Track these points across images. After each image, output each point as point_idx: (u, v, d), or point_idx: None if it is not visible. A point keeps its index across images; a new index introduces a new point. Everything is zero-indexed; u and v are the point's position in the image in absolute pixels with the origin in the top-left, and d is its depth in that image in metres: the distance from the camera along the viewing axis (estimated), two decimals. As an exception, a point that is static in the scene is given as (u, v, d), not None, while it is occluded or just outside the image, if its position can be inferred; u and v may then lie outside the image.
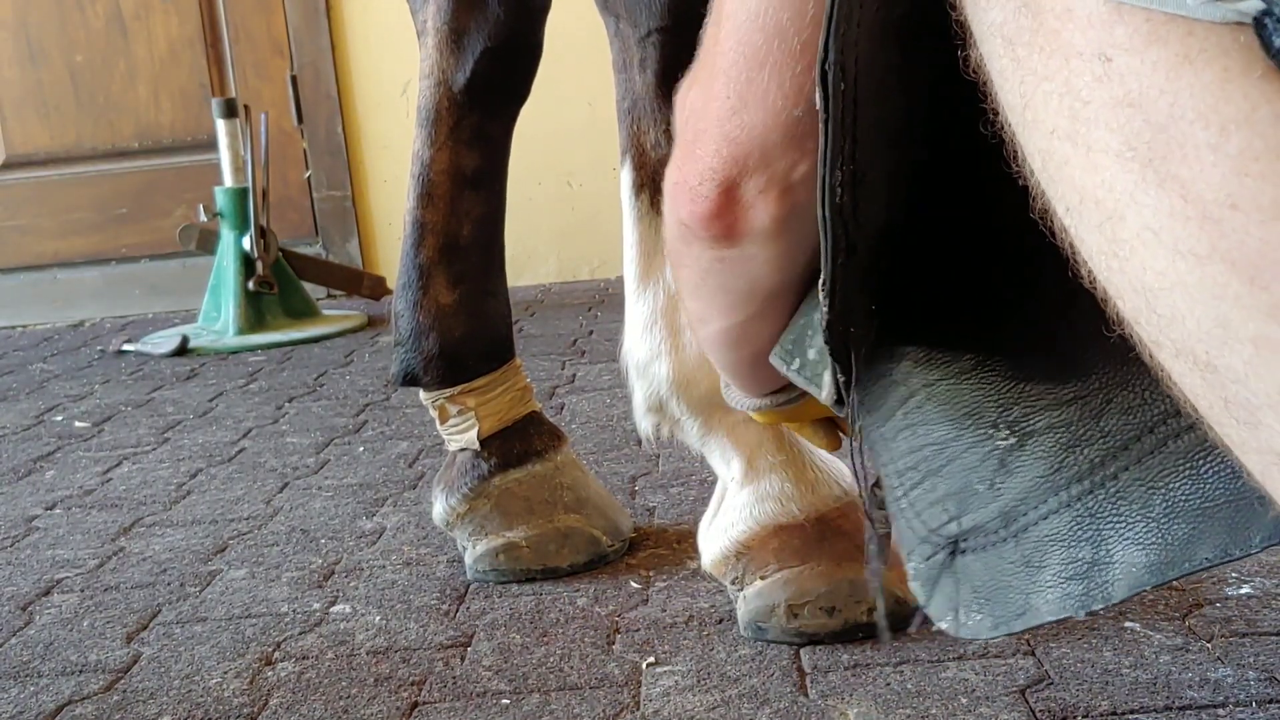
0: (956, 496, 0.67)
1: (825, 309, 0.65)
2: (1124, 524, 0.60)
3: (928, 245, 0.68)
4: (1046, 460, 0.64)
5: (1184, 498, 0.59)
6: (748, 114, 0.66)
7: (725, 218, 0.69)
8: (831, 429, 1.04)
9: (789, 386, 0.91)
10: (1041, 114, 0.47)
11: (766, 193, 0.68)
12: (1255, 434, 0.45)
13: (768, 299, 0.75)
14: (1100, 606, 0.61)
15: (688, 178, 0.70)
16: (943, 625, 0.67)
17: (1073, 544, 0.62)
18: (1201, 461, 0.58)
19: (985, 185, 0.54)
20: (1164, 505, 0.59)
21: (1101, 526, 0.61)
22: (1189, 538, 0.58)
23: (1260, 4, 0.41)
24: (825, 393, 0.72)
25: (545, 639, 1.16)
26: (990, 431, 0.66)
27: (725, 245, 0.71)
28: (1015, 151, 0.51)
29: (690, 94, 0.71)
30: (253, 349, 2.88)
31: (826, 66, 0.57)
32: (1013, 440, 0.65)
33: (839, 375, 0.69)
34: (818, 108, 0.59)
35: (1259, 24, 0.41)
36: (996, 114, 0.52)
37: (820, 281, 0.64)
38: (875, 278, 0.66)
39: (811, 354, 0.74)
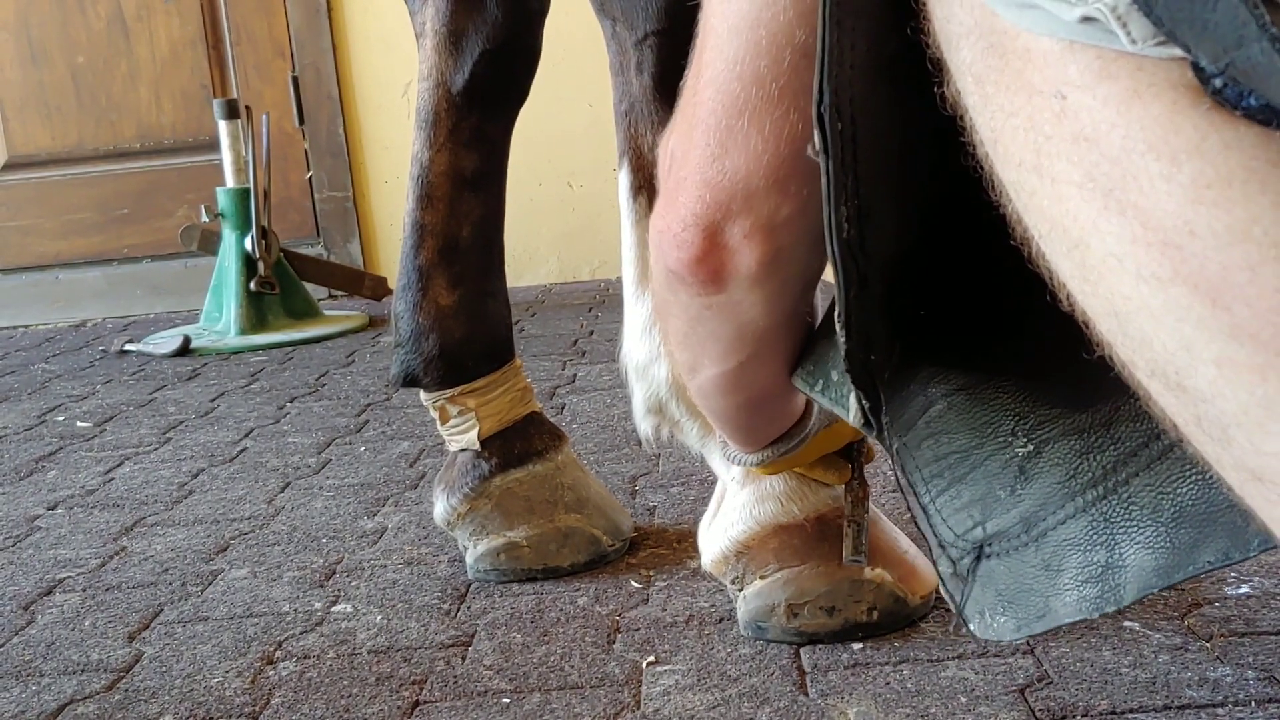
0: (980, 503, 0.69)
1: (843, 340, 0.65)
2: (1135, 528, 0.62)
3: (940, 268, 0.69)
4: (1062, 467, 0.65)
5: (1191, 503, 0.60)
6: (729, 160, 0.67)
7: (710, 262, 0.70)
8: (838, 461, 1.06)
9: (787, 435, 0.93)
10: (1011, 148, 0.49)
11: (751, 236, 0.69)
12: (1229, 450, 0.47)
13: (759, 342, 0.76)
14: (1113, 609, 0.63)
15: (671, 225, 0.71)
16: (971, 627, 0.70)
17: (1088, 548, 0.64)
18: (1206, 468, 0.60)
19: (987, 209, 0.56)
20: (1172, 510, 0.61)
21: (1115, 531, 0.63)
22: (1194, 542, 0.60)
23: (1188, 55, 0.42)
24: (852, 415, 0.73)
25: (546, 638, 1.17)
26: (1009, 439, 0.68)
27: (712, 290, 0.72)
28: (993, 181, 0.53)
29: (671, 142, 0.72)
30: (254, 349, 2.89)
31: (822, 109, 0.58)
32: (1030, 448, 0.67)
33: (864, 402, 0.70)
34: (817, 148, 0.60)
35: (1195, 66, 0.43)
36: (976, 147, 0.54)
37: (836, 314, 0.65)
38: (893, 305, 0.67)
39: (835, 375, 0.75)
